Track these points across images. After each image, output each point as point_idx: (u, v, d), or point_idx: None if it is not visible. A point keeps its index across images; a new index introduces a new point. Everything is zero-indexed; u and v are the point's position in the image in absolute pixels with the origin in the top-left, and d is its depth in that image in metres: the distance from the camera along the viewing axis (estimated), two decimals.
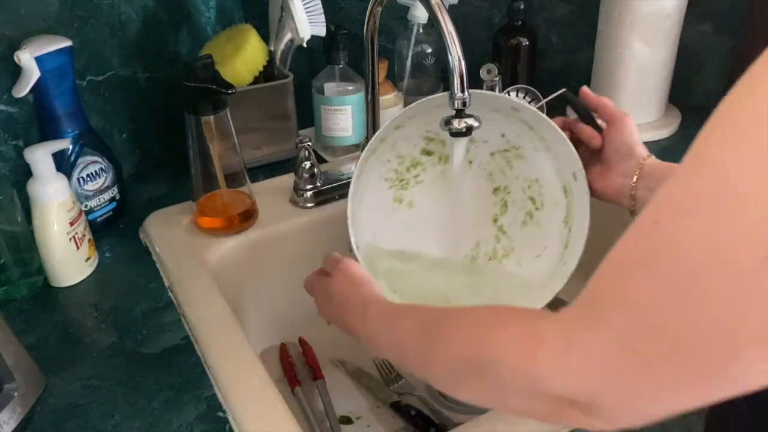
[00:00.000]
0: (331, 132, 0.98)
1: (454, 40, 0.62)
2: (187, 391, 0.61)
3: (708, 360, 0.29)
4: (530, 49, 1.08)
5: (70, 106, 0.80)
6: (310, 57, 1.12)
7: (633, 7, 0.96)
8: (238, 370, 0.62)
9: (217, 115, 0.77)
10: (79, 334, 0.69)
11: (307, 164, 0.86)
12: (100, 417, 0.58)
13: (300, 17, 0.89)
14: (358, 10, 1.11)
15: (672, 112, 1.06)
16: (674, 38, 0.99)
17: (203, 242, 0.81)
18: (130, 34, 0.92)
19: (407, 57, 1.05)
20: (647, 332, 0.30)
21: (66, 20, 0.84)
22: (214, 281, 0.74)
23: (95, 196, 0.84)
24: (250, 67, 0.92)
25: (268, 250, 0.84)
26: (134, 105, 0.96)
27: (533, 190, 0.77)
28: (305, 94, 0.99)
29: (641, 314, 0.31)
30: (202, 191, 0.81)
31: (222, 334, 0.66)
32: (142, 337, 0.68)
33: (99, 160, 0.83)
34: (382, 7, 0.78)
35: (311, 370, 0.83)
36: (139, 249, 0.82)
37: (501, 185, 0.79)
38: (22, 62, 0.74)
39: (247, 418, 0.57)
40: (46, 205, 0.72)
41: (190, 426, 0.57)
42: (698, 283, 0.28)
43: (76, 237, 0.74)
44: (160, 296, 0.74)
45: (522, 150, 0.76)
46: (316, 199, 0.87)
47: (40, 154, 0.71)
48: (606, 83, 1.03)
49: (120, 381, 0.62)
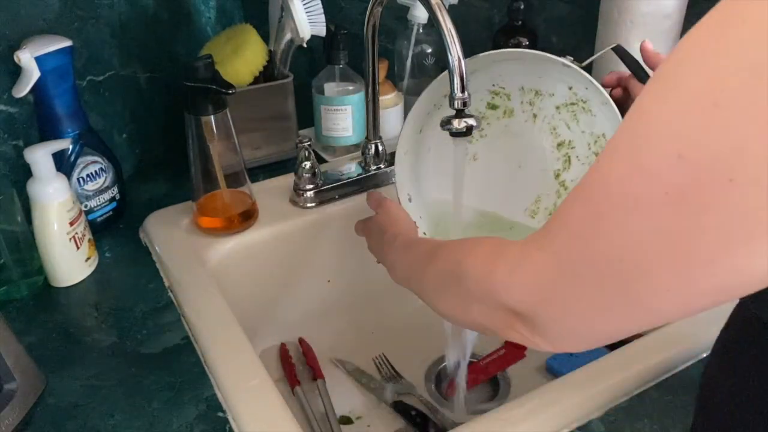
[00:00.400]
0: (332, 132, 0.98)
1: (454, 40, 0.62)
2: (187, 391, 0.61)
3: (622, 283, 0.32)
4: (530, 49, 1.08)
5: (70, 106, 0.80)
6: (310, 57, 1.12)
7: (633, 7, 0.96)
8: (238, 370, 0.62)
9: (217, 115, 0.77)
10: (79, 334, 0.69)
11: (307, 164, 0.86)
12: (100, 417, 0.58)
13: (300, 17, 0.89)
14: (358, 10, 1.11)
15: None
16: (674, 38, 0.99)
17: (203, 242, 0.81)
18: (130, 34, 0.92)
19: (407, 57, 1.05)
20: (579, 255, 0.34)
21: (66, 20, 0.84)
22: (214, 281, 0.74)
23: (95, 196, 0.84)
24: (250, 67, 0.92)
25: (268, 250, 0.84)
26: (134, 105, 0.96)
27: (599, 145, 0.74)
28: (305, 94, 0.99)
29: (575, 239, 0.34)
30: (202, 191, 0.81)
31: (222, 334, 0.66)
32: (142, 337, 0.68)
33: (99, 160, 0.83)
34: (382, 7, 0.78)
35: (311, 370, 0.83)
36: (139, 249, 0.82)
37: (566, 140, 0.77)
38: (22, 62, 0.74)
39: (247, 418, 0.57)
40: (46, 205, 0.72)
41: (190, 426, 0.57)
42: (616, 216, 0.31)
43: (76, 237, 0.74)
44: (160, 296, 0.74)
45: (589, 104, 0.74)
46: (316, 199, 0.87)
47: (40, 154, 0.71)
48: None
49: (120, 381, 0.62)
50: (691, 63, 0.29)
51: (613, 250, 0.32)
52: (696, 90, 0.28)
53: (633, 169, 0.30)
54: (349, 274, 0.92)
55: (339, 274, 0.92)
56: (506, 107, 0.78)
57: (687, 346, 0.62)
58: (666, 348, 0.62)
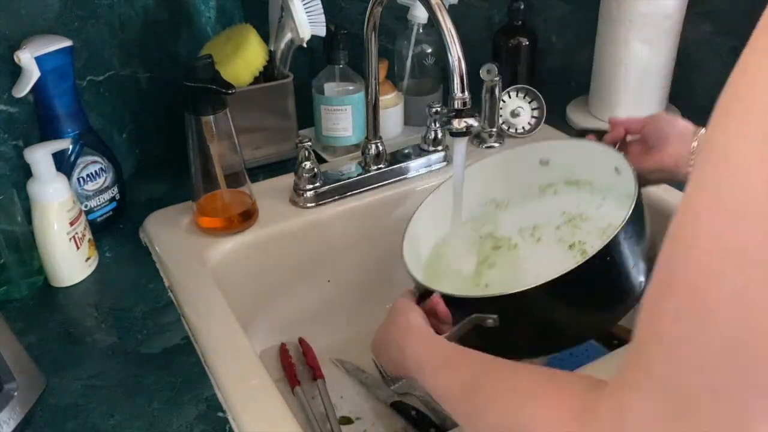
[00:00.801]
0: (332, 132, 0.98)
1: (454, 40, 0.62)
2: (187, 391, 0.61)
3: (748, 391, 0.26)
4: (530, 49, 1.08)
5: (70, 106, 0.80)
6: (310, 57, 1.12)
7: (633, 7, 0.96)
8: (238, 370, 0.62)
9: (217, 115, 0.77)
10: (79, 334, 0.69)
11: (307, 164, 0.86)
12: (100, 417, 0.58)
13: (300, 17, 0.88)
14: (358, 10, 1.11)
15: (672, 112, 1.06)
16: (674, 38, 0.99)
17: (203, 242, 0.81)
18: (130, 34, 0.92)
19: (407, 57, 1.05)
20: (691, 373, 0.27)
21: (66, 20, 0.84)
22: (214, 281, 0.74)
23: (95, 196, 0.84)
24: (250, 67, 0.92)
25: (268, 250, 0.84)
26: (134, 105, 0.96)
27: (610, 231, 0.72)
28: (305, 94, 0.99)
29: (679, 352, 0.27)
30: (202, 191, 0.81)
31: (222, 334, 0.66)
32: (142, 337, 0.68)
33: (99, 160, 0.83)
34: (382, 7, 0.78)
35: (311, 370, 0.83)
36: (139, 249, 0.82)
37: (576, 241, 0.78)
38: (22, 62, 0.74)
39: (247, 418, 0.57)
40: (46, 205, 0.72)
41: (190, 426, 0.57)
42: (727, 302, 0.26)
43: (76, 237, 0.74)
44: (160, 296, 0.74)
45: (585, 213, 0.77)
46: (316, 199, 0.87)
47: (40, 154, 0.71)
48: (606, 83, 1.03)
49: (120, 381, 0.62)
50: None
51: (735, 350, 0.26)
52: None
53: (735, 233, 0.25)
54: (348, 274, 0.92)
55: (339, 274, 0.92)
56: (509, 244, 0.81)
57: None
58: None
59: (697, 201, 0.28)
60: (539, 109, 1.02)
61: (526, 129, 1.02)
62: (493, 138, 1.00)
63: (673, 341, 0.27)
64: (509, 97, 1.02)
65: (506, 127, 1.02)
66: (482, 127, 0.99)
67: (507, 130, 1.02)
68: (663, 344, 0.28)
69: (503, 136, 1.01)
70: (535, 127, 1.02)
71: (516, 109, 1.01)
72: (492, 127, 0.99)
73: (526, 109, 1.02)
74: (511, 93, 1.02)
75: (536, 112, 1.02)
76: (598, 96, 1.05)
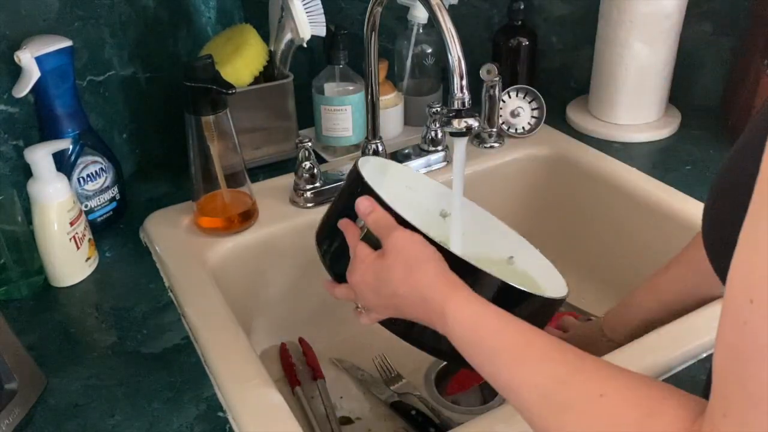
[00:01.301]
0: (332, 132, 0.98)
1: (454, 40, 0.62)
2: (187, 391, 0.61)
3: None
4: (530, 49, 1.08)
5: (70, 106, 0.80)
6: (310, 57, 1.12)
7: (633, 7, 0.96)
8: (238, 370, 0.62)
9: (217, 115, 0.77)
10: (79, 334, 0.69)
11: (307, 164, 0.86)
12: (100, 417, 0.58)
13: (300, 17, 0.89)
14: (358, 10, 1.11)
15: (672, 112, 1.07)
16: (674, 38, 0.99)
17: (203, 242, 0.81)
18: (130, 34, 0.92)
19: (407, 57, 1.05)
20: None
21: (66, 20, 0.84)
22: (214, 281, 0.74)
23: (95, 196, 0.84)
24: (250, 67, 0.92)
25: (268, 250, 0.84)
26: (134, 105, 0.96)
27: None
28: (305, 94, 0.99)
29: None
30: (202, 191, 0.81)
31: (222, 334, 0.66)
32: (142, 337, 0.68)
33: (99, 160, 0.83)
34: (382, 7, 0.78)
35: (311, 370, 0.84)
36: (139, 249, 0.82)
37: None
38: (22, 62, 0.74)
39: (247, 418, 0.57)
40: (46, 205, 0.72)
41: (190, 426, 0.57)
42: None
43: (76, 237, 0.74)
44: (160, 296, 0.74)
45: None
46: (316, 199, 0.87)
47: (40, 154, 0.71)
48: (606, 83, 1.03)
49: (120, 381, 0.62)
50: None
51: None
52: None
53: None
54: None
55: None
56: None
57: (687, 346, 0.62)
58: (666, 348, 0.62)
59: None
60: (539, 110, 1.02)
61: (526, 129, 1.03)
62: (493, 138, 1.00)
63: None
64: (509, 97, 1.02)
65: (506, 127, 1.02)
66: (482, 128, 0.99)
67: (507, 130, 1.02)
68: (759, 409, 0.28)
69: (503, 136, 1.02)
70: (535, 127, 1.03)
71: (516, 109, 1.01)
72: (492, 127, 0.99)
73: (526, 109, 1.02)
74: (511, 93, 1.02)
75: (536, 113, 1.03)
76: (598, 96, 1.05)
